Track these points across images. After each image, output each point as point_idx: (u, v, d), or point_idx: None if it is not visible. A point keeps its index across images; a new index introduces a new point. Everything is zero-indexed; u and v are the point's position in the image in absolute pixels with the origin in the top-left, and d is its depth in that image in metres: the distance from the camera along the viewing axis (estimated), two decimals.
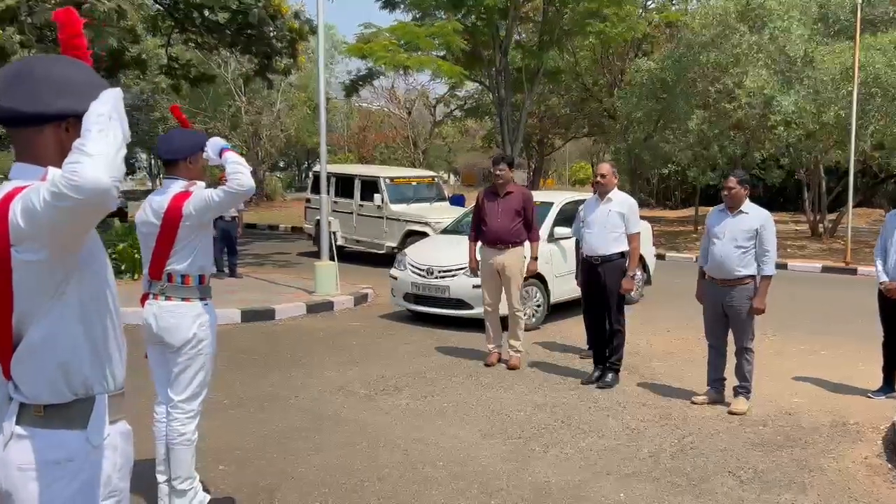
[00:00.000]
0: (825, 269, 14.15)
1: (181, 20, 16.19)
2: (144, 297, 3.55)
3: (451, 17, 18.59)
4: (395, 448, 4.58)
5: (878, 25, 16.97)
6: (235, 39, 16.28)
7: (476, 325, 8.11)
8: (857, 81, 14.17)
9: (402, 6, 19.61)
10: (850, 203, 15.28)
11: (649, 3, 24.03)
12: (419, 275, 8.36)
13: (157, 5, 16.83)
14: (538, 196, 9.89)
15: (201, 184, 3.47)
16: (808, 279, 12.80)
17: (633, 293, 10.10)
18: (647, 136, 19.95)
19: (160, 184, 3.51)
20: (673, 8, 22.73)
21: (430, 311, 8.34)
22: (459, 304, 8.09)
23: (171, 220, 3.38)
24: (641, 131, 20.19)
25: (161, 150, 3.47)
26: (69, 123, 1.69)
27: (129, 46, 17.43)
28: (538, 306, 8.36)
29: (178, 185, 3.46)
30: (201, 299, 3.48)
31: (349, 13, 56.09)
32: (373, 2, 21.42)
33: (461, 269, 7.75)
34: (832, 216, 20.29)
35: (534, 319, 8.21)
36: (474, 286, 7.70)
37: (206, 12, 15.53)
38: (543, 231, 8.30)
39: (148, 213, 3.49)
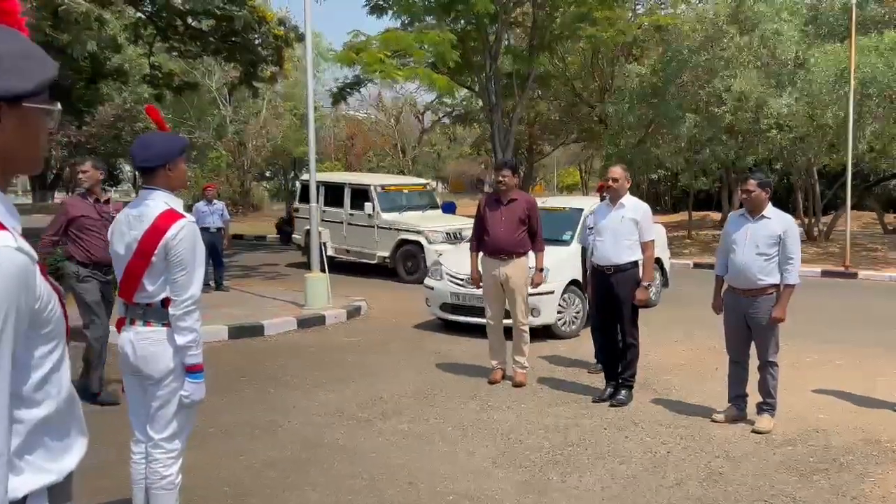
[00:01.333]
0: (825, 274, 13.91)
1: (164, 28, 15.78)
2: (121, 322, 3.16)
3: (442, 23, 18.28)
4: (398, 479, 4.19)
5: (869, 27, 16.82)
6: (219, 47, 15.90)
7: (543, 333, 7.94)
8: (853, 83, 13.97)
9: (390, 12, 19.28)
10: (849, 205, 15.07)
11: (639, 7, 23.86)
12: (458, 284, 8.18)
13: (139, 13, 16.42)
14: (569, 202, 9.68)
15: (191, 220, 3.08)
16: (809, 284, 12.49)
17: (651, 297, 10.05)
18: (639, 142, 19.72)
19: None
20: (662, 12, 22.52)
21: (470, 321, 8.08)
22: None
23: (151, 240, 3.00)
24: (633, 136, 19.96)
25: (137, 157, 3.06)
26: None
27: (110, 56, 17.05)
28: (577, 313, 8.27)
29: (159, 198, 3.07)
30: None
31: (335, 20, 55.85)
32: (360, 8, 21.18)
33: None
34: (826, 219, 20.13)
35: (573, 327, 8.19)
36: None
37: (190, 19, 15.14)
38: (576, 236, 8.54)
39: (122, 225, 3.10)
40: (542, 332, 8.06)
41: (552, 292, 7.82)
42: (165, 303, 3.04)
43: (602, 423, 5.18)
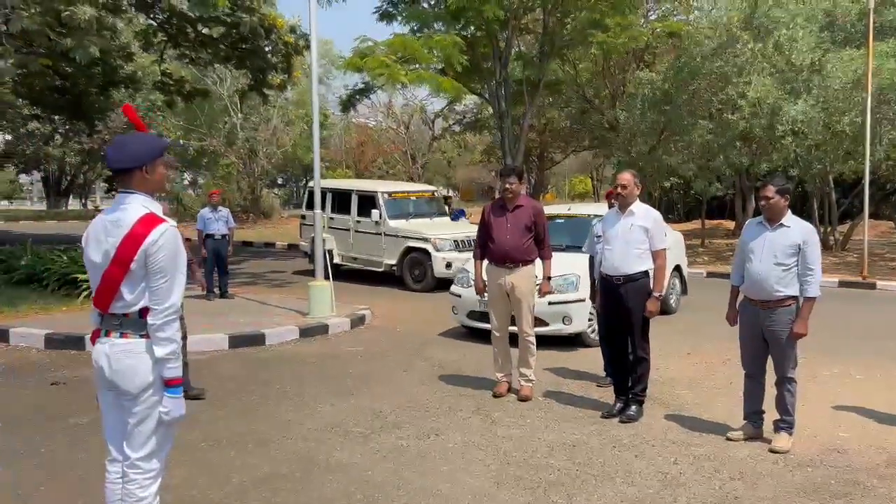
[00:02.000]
0: (842, 284, 13.60)
1: (175, 35, 15.74)
2: (95, 334, 2.98)
3: (451, 29, 18.13)
4: (395, 500, 3.98)
5: (886, 32, 16.52)
6: (229, 54, 15.85)
7: (550, 342, 7.78)
8: (870, 89, 13.68)
9: (399, 19, 19.17)
10: (867, 214, 14.76)
11: (651, 13, 23.63)
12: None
13: (150, 20, 16.40)
14: (596, 208, 9.61)
15: (172, 224, 2.90)
16: (826, 295, 12.07)
17: (671, 304, 10.04)
18: (651, 149, 19.47)
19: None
20: (675, 18, 22.28)
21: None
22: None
23: (129, 246, 2.82)
24: (645, 143, 19.71)
25: (111, 158, 2.88)
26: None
27: (122, 63, 17.05)
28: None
29: (137, 202, 2.89)
30: None
31: (347, 28, 55.97)
32: (370, 15, 21.07)
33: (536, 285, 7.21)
34: (842, 228, 19.79)
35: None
36: (550, 303, 7.44)
37: (200, 26, 15.09)
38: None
39: (99, 232, 2.92)
40: (573, 341, 7.90)
41: (583, 300, 7.60)
42: (143, 313, 2.86)
43: (611, 441, 4.94)
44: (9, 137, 35.30)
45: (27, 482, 4.19)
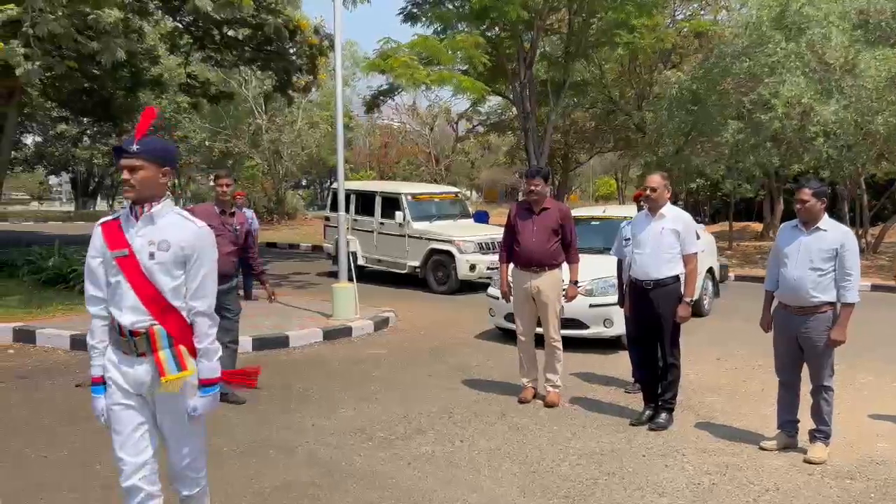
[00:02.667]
0: (875, 288, 13.28)
1: (200, 37, 15.84)
2: None
3: (474, 30, 18.06)
4: None
5: None
6: (254, 56, 15.92)
7: (592, 345, 7.76)
8: None
9: (423, 20, 19.14)
10: None
11: (678, 14, 23.36)
12: None
13: (176, 23, 16.53)
14: (628, 211, 9.51)
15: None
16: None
17: (705, 306, 9.99)
18: (678, 149, 19.21)
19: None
20: (702, 17, 22.01)
21: (538, 331, 7.78)
22: (573, 323, 7.58)
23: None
24: (672, 144, 19.45)
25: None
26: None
27: (148, 66, 17.21)
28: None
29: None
30: None
31: (371, 29, 56.12)
32: (394, 16, 21.07)
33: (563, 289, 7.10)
34: (874, 230, 19.37)
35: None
36: (591, 305, 7.52)
37: (225, 28, 15.17)
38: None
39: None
40: (606, 344, 7.82)
41: None
42: None
43: (640, 450, 4.82)
44: (38, 139, 35.89)
45: (50, 484, 4.18)
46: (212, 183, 6.25)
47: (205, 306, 2.83)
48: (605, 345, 7.85)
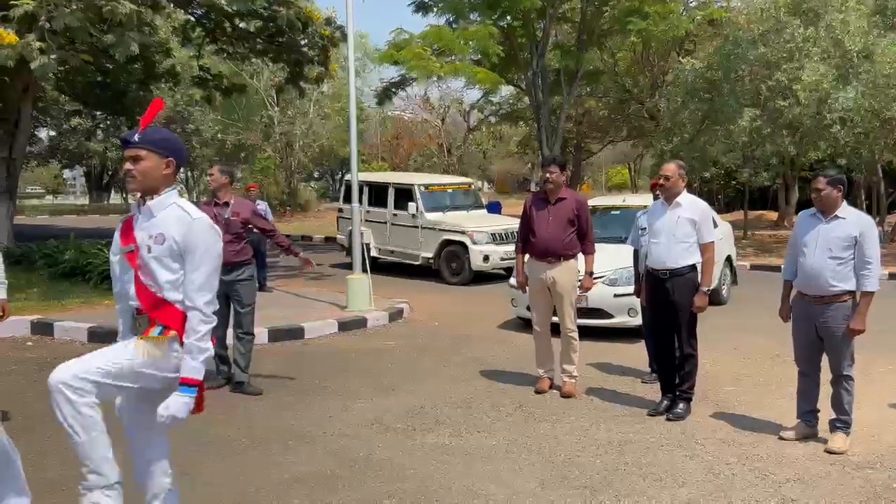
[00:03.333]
0: (892, 276, 13.16)
1: (212, 30, 15.84)
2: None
3: (486, 19, 17.96)
4: (437, 501, 3.90)
5: None
6: (266, 48, 15.90)
7: (617, 335, 7.76)
8: None
9: (435, 10, 19.06)
10: None
11: (691, 1, 23.12)
12: None
13: (189, 16, 16.54)
14: (647, 200, 9.45)
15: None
16: None
17: (723, 295, 9.93)
18: (692, 138, 19.05)
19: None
20: (717, 5, 21.76)
21: (554, 320, 7.78)
22: (597, 313, 7.62)
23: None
24: (686, 133, 19.30)
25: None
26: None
27: (161, 59, 17.24)
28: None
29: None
30: None
31: (383, 21, 55.97)
32: (405, 7, 20.98)
33: (598, 277, 7.07)
34: (891, 218, 19.19)
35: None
36: (615, 295, 7.53)
37: (237, 20, 15.16)
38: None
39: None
40: (636, 333, 7.62)
41: None
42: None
43: (659, 440, 4.80)
44: (53, 133, 36.10)
45: (69, 478, 4.21)
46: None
47: (199, 301, 2.76)
48: (624, 334, 7.82)
